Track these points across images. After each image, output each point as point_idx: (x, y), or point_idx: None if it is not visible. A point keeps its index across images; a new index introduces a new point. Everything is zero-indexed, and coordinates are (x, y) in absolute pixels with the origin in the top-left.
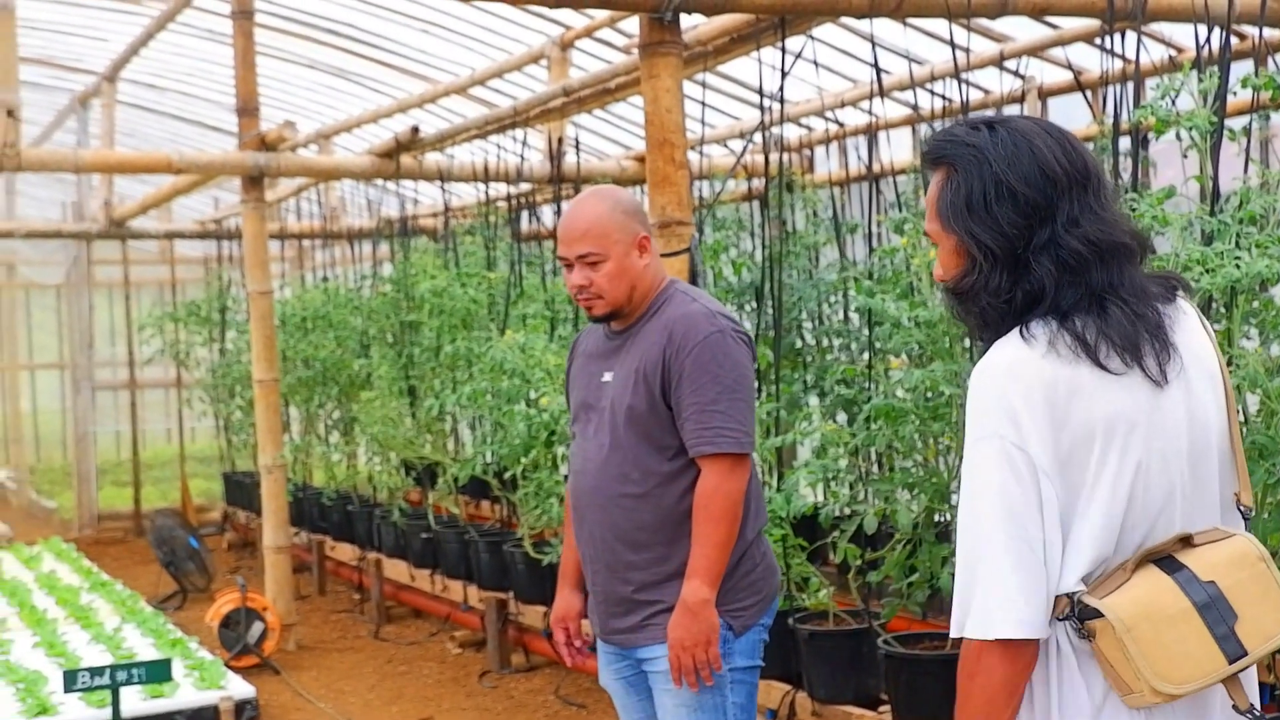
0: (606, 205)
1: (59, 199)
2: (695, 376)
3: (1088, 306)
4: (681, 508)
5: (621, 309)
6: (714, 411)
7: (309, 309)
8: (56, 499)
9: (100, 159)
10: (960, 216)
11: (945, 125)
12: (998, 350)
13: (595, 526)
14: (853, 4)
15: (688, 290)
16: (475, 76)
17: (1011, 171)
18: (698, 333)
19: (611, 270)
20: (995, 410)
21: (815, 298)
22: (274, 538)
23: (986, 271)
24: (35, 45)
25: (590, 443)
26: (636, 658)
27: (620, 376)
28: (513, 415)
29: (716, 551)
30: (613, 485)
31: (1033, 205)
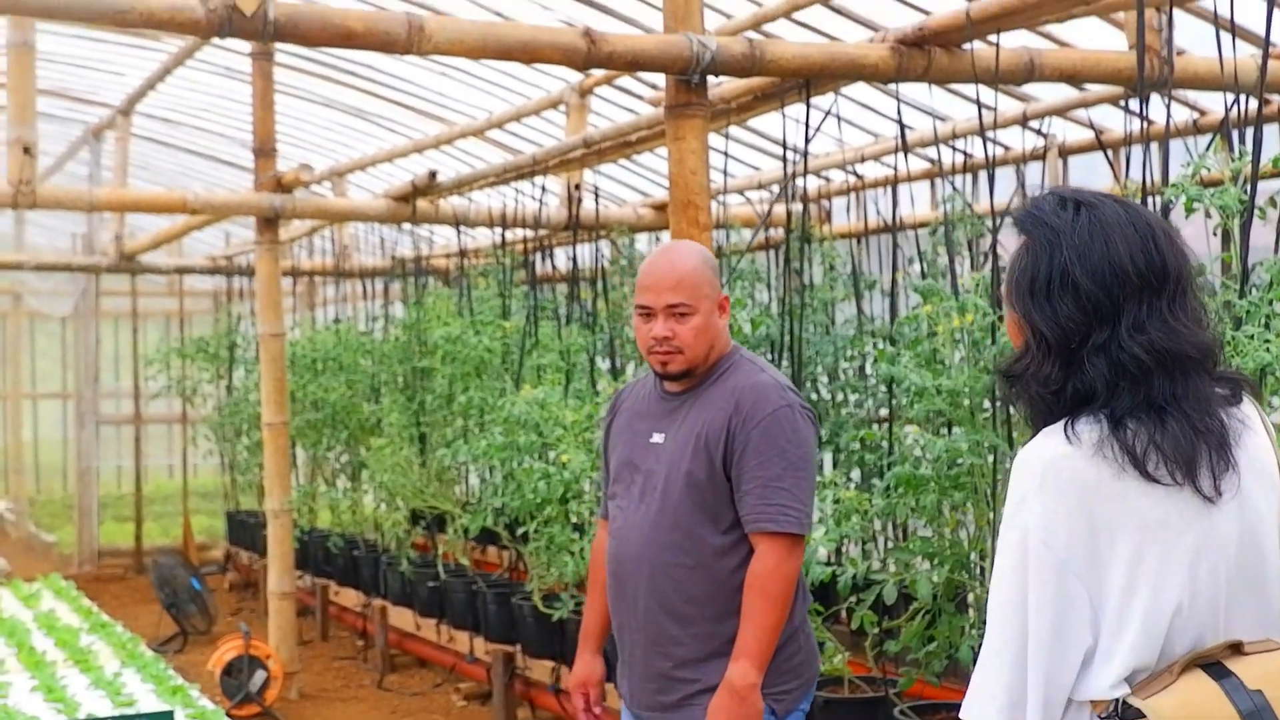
0: (698, 259)
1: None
2: (761, 450)
3: (1144, 415)
4: (732, 583)
5: (696, 368)
6: (778, 488)
7: (320, 351)
8: (56, 533)
9: (115, 197)
10: (1022, 297)
11: (1043, 193)
12: (1042, 441)
13: (639, 596)
14: (880, 68)
15: (753, 359)
16: (493, 120)
17: (1080, 263)
18: (767, 405)
19: (698, 325)
20: (1028, 502)
21: (832, 353)
22: (279, 583)
23: (1038, 359)
24: (52, 77)
25: (635, 507)
26: None
27: (677, 440)
28: (530, 472)
29: (768, 634)
30: (661, 554)
31: (1095, 302)
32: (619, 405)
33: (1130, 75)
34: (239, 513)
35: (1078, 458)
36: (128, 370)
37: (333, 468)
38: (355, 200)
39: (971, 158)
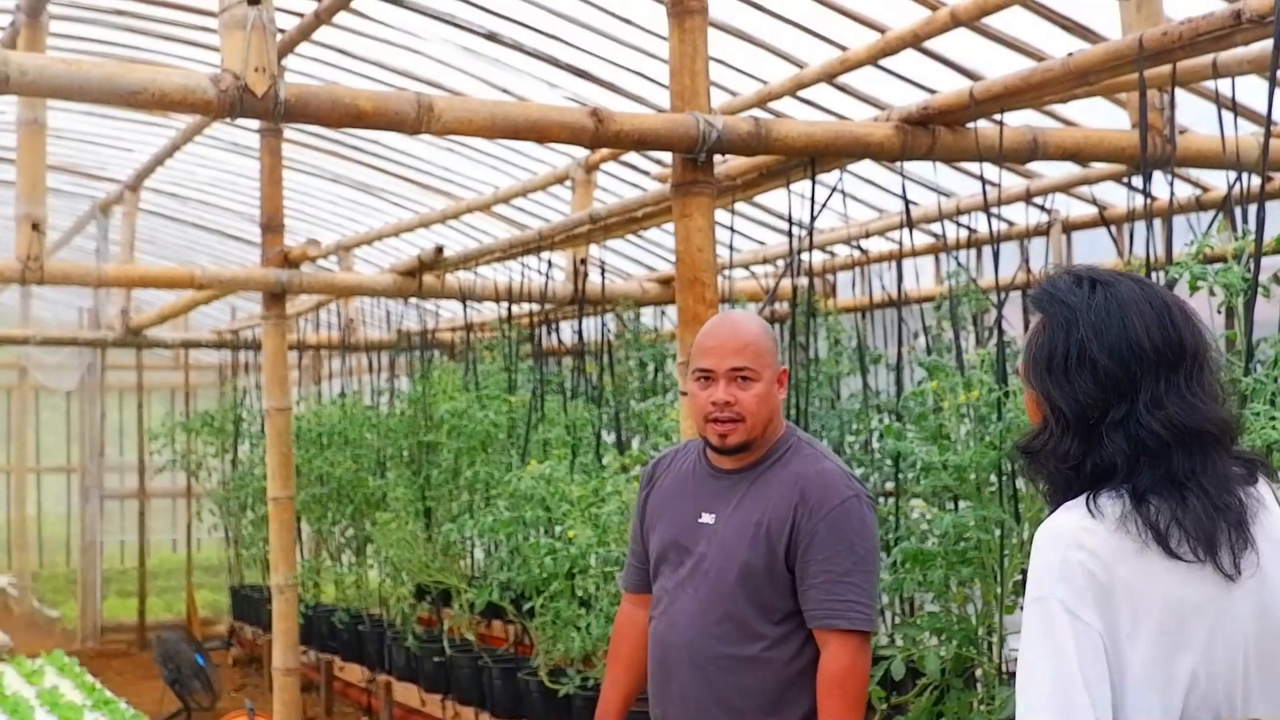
0: (761, 326)
1: (75, 303)
2: (829, 543)
3: (1166, 491)
4: (786, 674)
5: (754, 441)
6: (848, 584)
7: (325, 425)
8: (60, 608)
9: (123, 273)
10: (1040, 375)
11: (1057, 271)
12: (1064, 515)
13: (689, 688)
14: (885, 146)
15: (811, 442)
16: (499, 195)
17: (1097, 340)
18: (835, 496)
19: (761, 393)
20: (1056, 573)
21: (838, 427)
22: (283, 659)
23: (1057, 435)
24: (61, 153)
25: (684, 592)
26: None
27: (733, 525)
28: (537, 546)
29: None
30: (712, 644)
31: (1113, 379)
32: (657, 476)
33: (1133, 153)
34: (243, 587)
35: (1101, 532)
36: (132, 444)
37: (338, 542)
38: (362, 275)
39: (976, 233)
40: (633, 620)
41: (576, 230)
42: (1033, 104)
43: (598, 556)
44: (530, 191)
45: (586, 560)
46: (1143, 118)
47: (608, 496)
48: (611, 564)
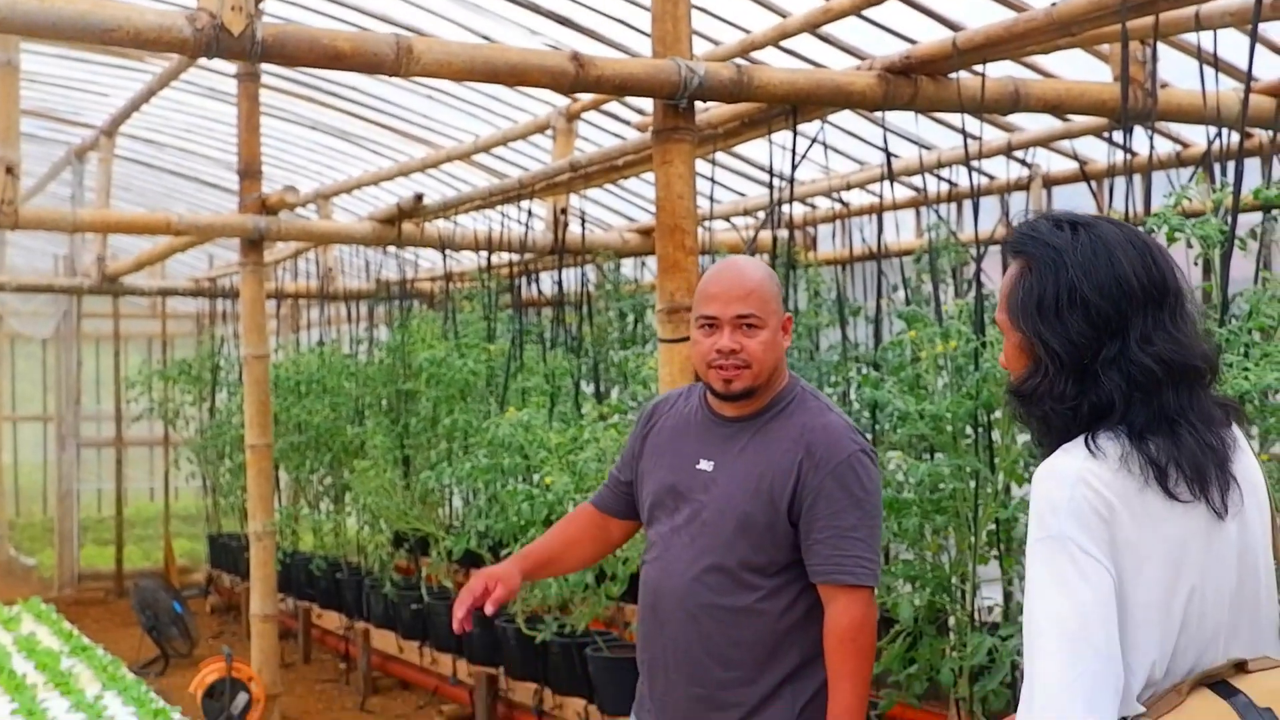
0: (766, 272)
1: (50, 250)
2: (835, 497)
3: (1160, 429)
4: (779, 626)
5: (758, 388)
6: (854, 539)
7: (304, 373)
8: (36, 556)
9: (99, 218)
10: (1030, 317)
11: (1032, 217)
12: (1066, 456)
13: (680, 636)
14: (867, 95)
15: (816, 393)
16: (479, 144)
17: (1087, 280)
18: (841, 450)
19: (767, 340)
20: (1063, 512)
21: (816, 378)
22: (261, 606)
23: (1051, 377)
24: (35, 98)
25: (679, 539)
26: None
27: (734, 475)
28: (514, 494)
29: (864, 689)
30: (706, 594)
31: (1104, 317)
32: (656, 418)
33: (1114, 107)
34: (221, 536)
35: (1105, 472)
36: (109, 393)
37: (316, 490)
38: (340, 223)
39: (956, 187)
40: (590, 515)
41: (557, 178)
42: (1015, 54)
43: (575, 503)
44: (511, 140)
45: (564, 507)
46: (1124, 69)
47: (585, 444)
48: None
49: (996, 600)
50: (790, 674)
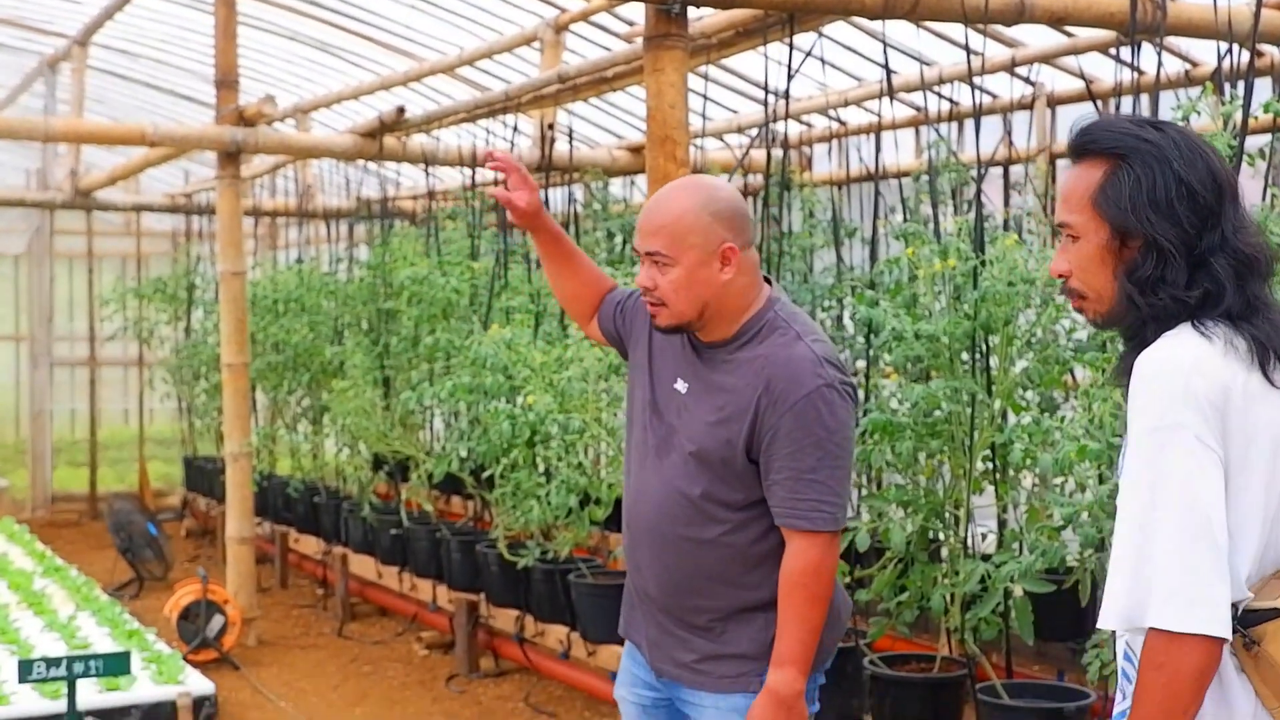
0: (694, 201)
1: (22, 165)
2: (794, 437)
3: (1252, 316)
4: (749, 555)
5: (689, 324)
6: (812, 481)
7: (281, 291)
8: (8, 477)
9: (72, 128)
10: (1142, 208)
11: (1096, 118)
12: (1174, 343)
13: (651, 564)
14: (866, 4)
15: (791, 318)
16: (464, 56)
17: (1191, 172)
18: (801, 386)
19: (678, 279)
20: (1181, 401)
21: (810, 301)
22: (237, 528)
23: (1166, 265)
24: (4, 5)
25: (649, 464)
26: (677, 695)
27: (699, 405)
28: (496, 413)
29: (812, 637)
30: (672, 525)
31: (1207, 207)
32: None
33: (1122, 19)
34: (197, 459)
35: (1216, 358)
36: (83, 312)
37: (294, 412)
38: (320, 136)
39: (958, 105)
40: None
41: (544, 91)
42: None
43: (558, 424)
44: (497, 53)
45: (547, 428)
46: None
47: (569, 363)
48: (572, 433)
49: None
50: (760, 603)
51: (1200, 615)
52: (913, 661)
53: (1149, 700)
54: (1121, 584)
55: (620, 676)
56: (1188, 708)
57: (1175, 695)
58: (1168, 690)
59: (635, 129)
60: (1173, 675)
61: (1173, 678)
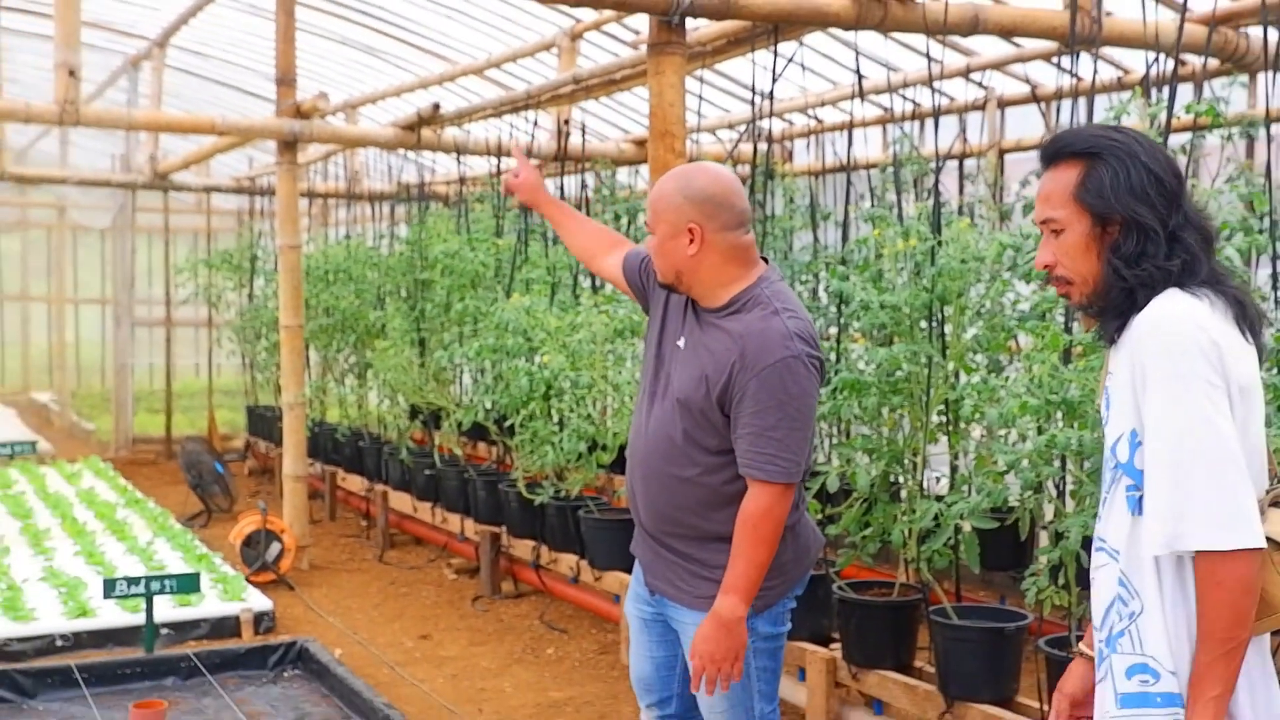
0: (674, 184)
1: (108, 150)
2: (759, 398)
3: (1220, 280)
4: (721, 494)
5: (671, 285)
6: (771, 438)
7: (332, 263)
8: (95, 422)
9: (151, 118)
10: (1122, 196)
11: (1064, 129)
12: (1171, 302)
13: (643, 494)
14: (841, 16)
15: (775, 295)
16: (491, 60)
17: (1155, 164)
18: (769, 355)
19: (656, 246)
20: (1194, 352)
21: (790, 276)
22: (293, 467)
23: (1148, 240)
24: (94, 10)
25: (649, 406)
26: (665, 610)
27: (690, 360)
28: (516, 370)
29: (756, 572)
30: (659, 462)
31: (1172, 192)
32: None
33: (1064, 31)
34: (258, 407)
35: (1208, 314)
36: (160, 279)
37: (341, 368)
38: (366, 128)
39: (919, 106)
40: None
41: (561, 90)
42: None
43: (570, 380)
44: (519, 57)
45: (560, 383)
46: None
47: (580, 327)
48: (582, 388)
49: (943, 473)
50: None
51: (1243, 532)
52: (875, 587)
53: (1219, 615)
54: (1164, 512)
55: (628, 594)
56: (1249, 611)
57: (1237, 603)
58: (1231, 601)
59: (639, 124)
60: (1232, 587)
61: (1233, 589)
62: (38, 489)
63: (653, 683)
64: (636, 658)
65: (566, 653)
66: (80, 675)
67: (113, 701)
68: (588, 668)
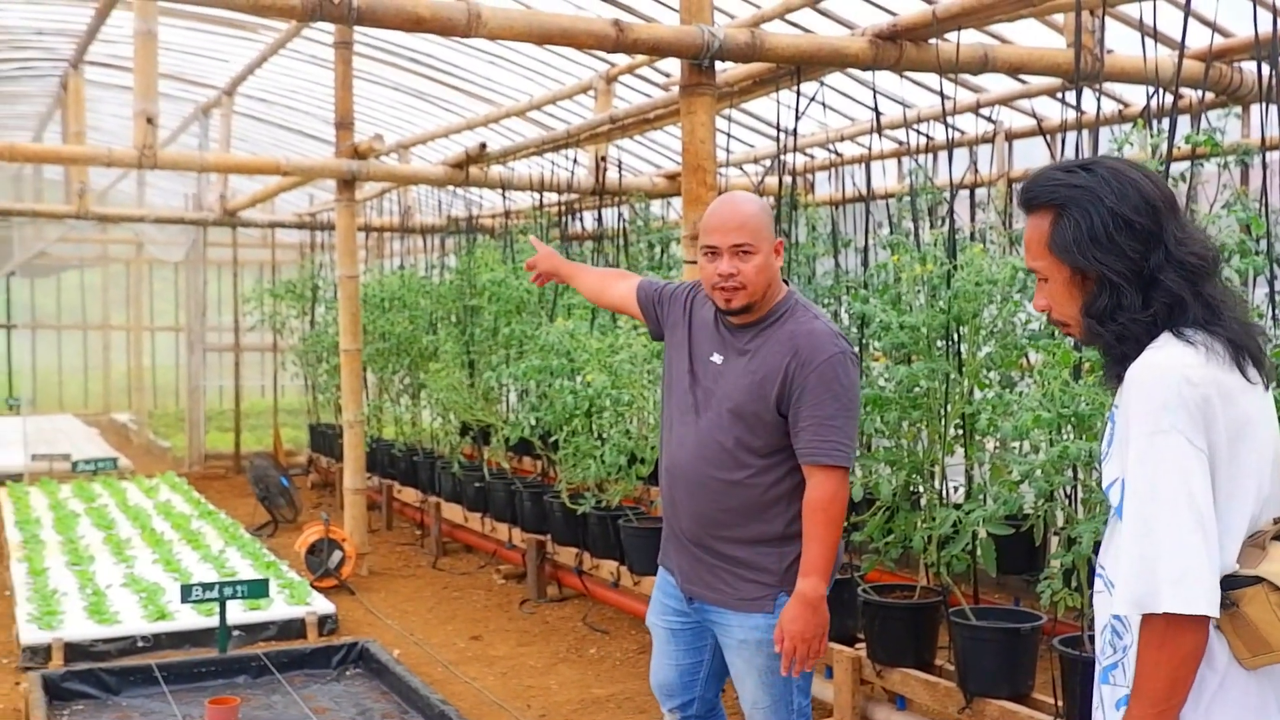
0: (757, 205)
1: (181, 190)
2: (817, 392)
3: (1214, 318)
4: (767, 496)
5: (756, 303)
6: (831, 427)
7: (387, 292)
8: (170, 440)
9: (222, 161)
10: (1085, 248)
11: (1038, 171)
12: (1162, 352)
13: (689, 500)
14: (860, 57)
15: (808, 305)
16: (533, 102)
17: (1123, 204)
18: (823, 352)
19: (760, 264)
20: (1174, 407)
21: (813, 299)
22: (352, 481)
23: (1120, 293)
24: (169, 63)
25: (690, 418)
26: (706, 616)
27: (734, 372)
28: (561, 389)
29: (832, 552)
30: (707, 468)
31: (1146, 230)
32: (696, 304)
33: (1068, 68)
34: (319, 425)
35: (1201, 362)
36: (229, 308)
37: (397, 388)
38: (418, 166)
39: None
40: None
41: (598, 129)
42: (985, 22)
43: (611, 397)
44: (559, 99)
45: (602, 401)
46: (1078, 35)
47: (620, 349)
48: (623, 405)
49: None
50: (777, 536)
51: (1199, 599)
52: (897, 590)
53: (1155, 676)
54: (1131, 572)
55: (652, 607)
56: (1187, 678)
57: (1176, 669)
58: (1171, 666)
59: (670, 160)
60: (1173, 652)
61: (1173, 654)
62: (119, 502)
63: (676, 688)
64: (660, 665)
65: (608, 652)
66: (160, 673)
67: (189, 698)
68: (628, 666)
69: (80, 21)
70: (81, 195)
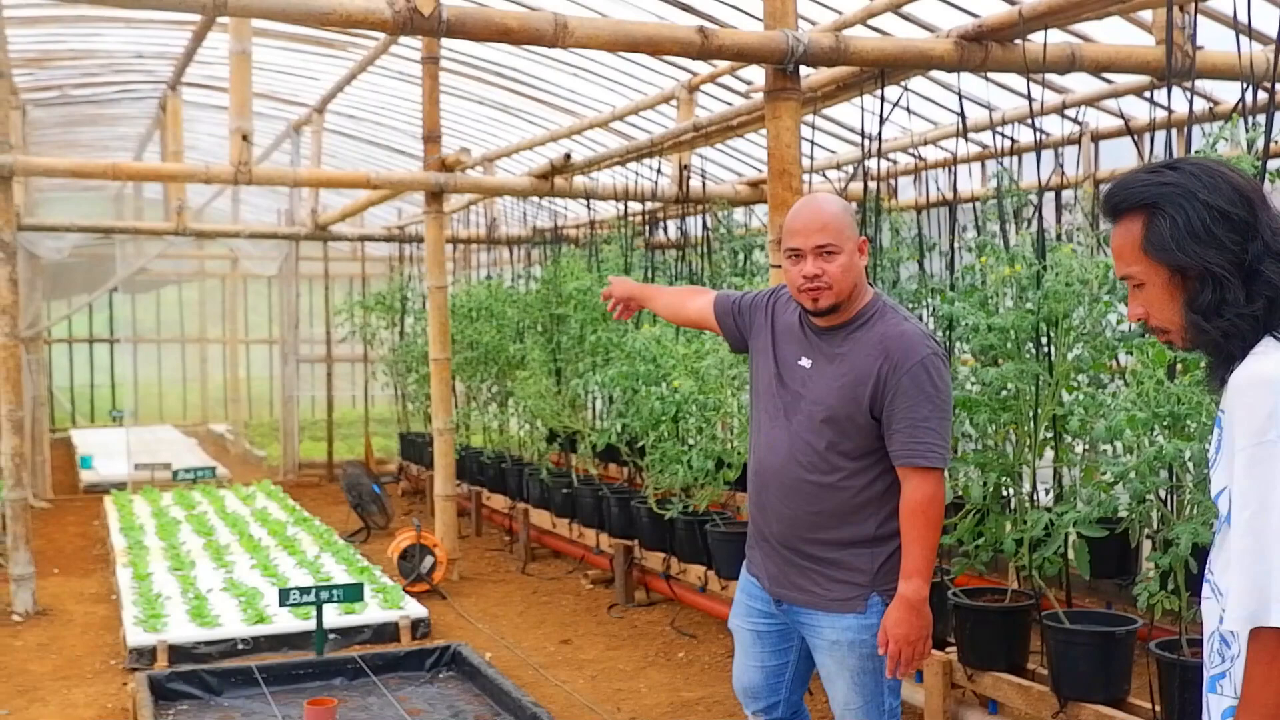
0: (839, 205)
1: (273, 206)
2: (911, 394)
3: None
4: (858, 499)
5: (842, 303)
6: (926, 428)
7: (475, 302)
8: (265, 449)
9: (313, 176)
10: (1185, 244)
11: (1121, 176)
12: (1265, 360)
13: (780, 502)
14: (945, 59)
15: (895, 306)
16: (615, 113)
17: (1217, 196)
18: (915, 353)
19: (844, 264)
20: (1275, 417)
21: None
22: (443, 488)
23: (1223, 288)
24: (261, 83)
25: (780, 422)
26: (795, 618)
27: (825, 376)
28: (649, 395)
29: (932, 553)
30: (799, 471)
31: (1243, 222)
32: (776, 309)
33: (1158, 67)
34: (409, 434)
35: None
36: (320, 320)
37: (485, 396)
38: (503, 178)
39: (1017, 142)
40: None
41: (682, 137)
42: (1072, 21)
43: (698, 403)
44: (641, 110)
45: (689, 406)
46: (1169, 31)
47: (706, 354)
48: (710, 410)
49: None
50: (869, 538)
51: None
52: (988, 594)
53: (1265, 690)
54: (1241, 588)
55: (735, 609)
56: None
57: None
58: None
59: (751, 167)
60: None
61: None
62: (217, 509)
63: (761, 690)
64: (744, 668)
65: (696, 656)
66: (260, 675)
67: (288, 699)
68: (716, 669)
69: (178, 44)
70: (179, 213)
